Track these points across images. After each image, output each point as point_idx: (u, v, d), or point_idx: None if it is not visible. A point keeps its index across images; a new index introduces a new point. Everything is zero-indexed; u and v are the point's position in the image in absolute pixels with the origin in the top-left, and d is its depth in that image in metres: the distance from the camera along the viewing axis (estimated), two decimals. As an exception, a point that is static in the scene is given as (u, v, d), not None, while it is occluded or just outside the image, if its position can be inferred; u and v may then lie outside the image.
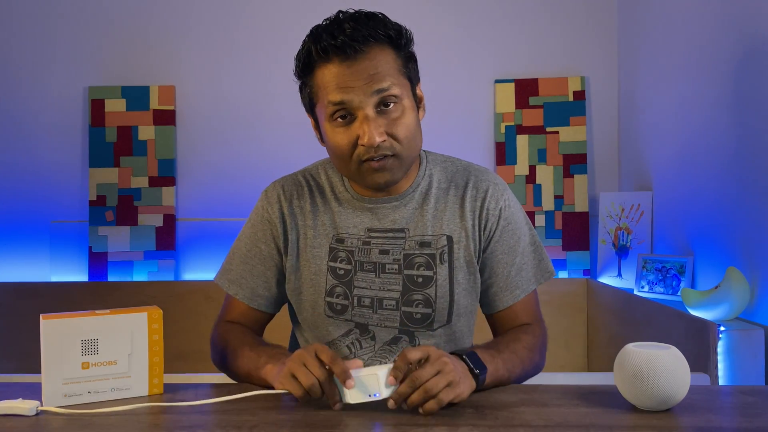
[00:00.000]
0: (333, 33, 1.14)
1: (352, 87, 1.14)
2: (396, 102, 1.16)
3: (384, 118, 1.16)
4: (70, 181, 3.06)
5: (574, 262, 2.97)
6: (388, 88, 1.15)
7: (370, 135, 1.14)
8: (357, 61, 1.14)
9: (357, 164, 1.18)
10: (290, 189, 1.32)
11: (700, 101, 2.21)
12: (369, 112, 1.15)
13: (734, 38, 2.00)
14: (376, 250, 1.26)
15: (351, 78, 1.14)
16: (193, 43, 3.07)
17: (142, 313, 1.11)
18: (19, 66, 3.06)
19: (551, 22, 3.04)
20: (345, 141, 1.17)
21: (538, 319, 1.34)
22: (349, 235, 1.27)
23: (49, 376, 1.05)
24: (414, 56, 1.23)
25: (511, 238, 1.30)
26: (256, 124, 3.06)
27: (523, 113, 3.02)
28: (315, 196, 1.31)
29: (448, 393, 1.01)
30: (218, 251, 3.01)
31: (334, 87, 1.15)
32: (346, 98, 1.14)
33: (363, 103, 1.14)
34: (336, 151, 1.20)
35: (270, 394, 1.09)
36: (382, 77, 1.14)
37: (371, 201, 1.27)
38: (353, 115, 1.16)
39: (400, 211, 1.27)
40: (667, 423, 0.97)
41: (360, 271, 1.25)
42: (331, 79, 1.15)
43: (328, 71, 1.16)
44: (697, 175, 2.24)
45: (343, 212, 1.28)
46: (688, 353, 1.26)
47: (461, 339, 1.32)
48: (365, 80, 1.14)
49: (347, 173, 1.23)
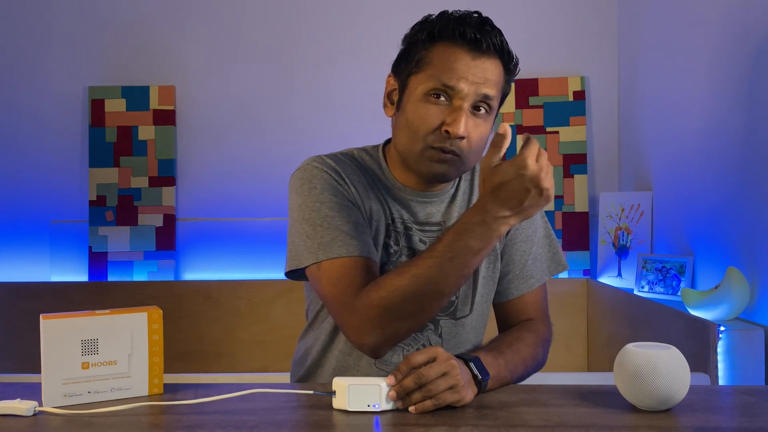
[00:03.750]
0: (475, 24, 1.17)
1: (467, 79, 1.16)
2: (487, 113, 1.20)
3: (472, 119, 1.18)
4: (70, 181, 3.06)
5: (574, 262, 2.97)
6: (491, 97, 1.18)
7: (459, 125, 1.15)
8: (481, 59, 1.17)
9: (424, 146, 1.19)
10: (340, 161, 1.27)
11: (701, 101, 2.21)
12: (466, 106, 1.17)
13: (734, 38, 2.00)
14: (417, 239, 1.27)
15: (472, 71, 1.16)
16: (193, 43, 3.07)
17: (142, 313, 1.11)
18: (19, 66, 3.06)
19: (551, 22, 3.04)
20: (431, 119, 1.18)
21: (543, 315, 1.35)
22: (397, 218, 1.27)
23: (49, 376, 1.05)
24: (511, 87, 1.27)
25: (529, 228, 1.33)
26: (256, 124, 3.06)
27: (523, 113, 3.02)
28: (365, 172, 1.29)
29: (450, 396, 1.01)
30: (218, 251, 3.01)
31: (451, 69, 1.16)
32: (458, 86, 1.16)
33: (467, 97, 1.17)
34: (415, 124, 1.19)
35: (270, 393, 1.09)
36: (492, 85, 1.18)
37: (411, 193, 1.28)
38: (449, 101, 1.18)
39: (435, 206, 1.29)
40: (667, 423, 0.97)
41: (404, 255, 1.26)
42: (453, 62, 1.17)
43: (453, 53, 1.17)
44: (697, 175, 2.24)
45: (387, 196, 1.28)
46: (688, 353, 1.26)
47: (477, 328, 1.33)
48: (480, 80, 1.17)
49: (410, 151, 1.21)
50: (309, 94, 3.05)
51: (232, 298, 2.84)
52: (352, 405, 1.01)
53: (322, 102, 3.04)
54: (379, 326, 1.11)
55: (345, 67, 3.05)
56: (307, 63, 3.05)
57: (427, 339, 1.28)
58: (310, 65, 3.05)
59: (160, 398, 1.10)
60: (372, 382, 1.02)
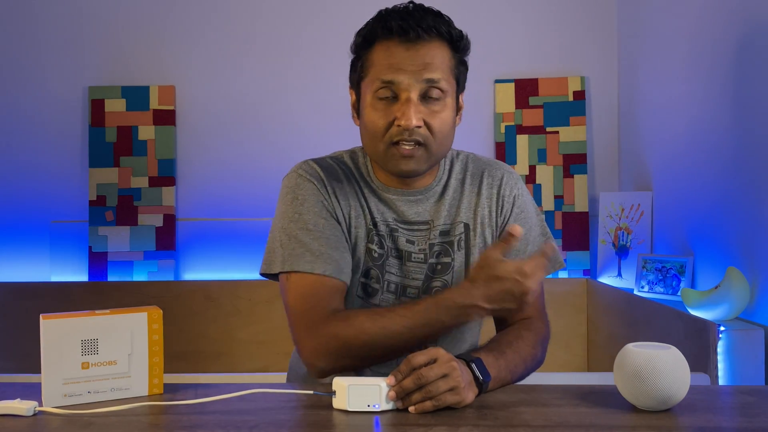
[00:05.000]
0: (401, 15, 1.17)
1: (404, 69, 1.17)
2: (441, 97, 1.19)
3: (425, 107, 1.19)
4: (70, 181, 3.06)
5: (574, 262, 2.97)
6: (437, 81, 1.18)
7: (408, 116, 1.16)
8: (416, 47, 1.17)
9: (387, 145, 1.20)
10: (326, 167, 1.29)
11: (700, 101, 2.21)
12: (413, 96, 1.17)
13: (734, 38, 2.00)
14: (403, 239, 1.27)
15: (406, 60, 1.17)
16: (193, 43, 3.07)
17: (142, 313, 1.11)
18: (19, 66, 3.06)
19: (551, 22, 3.04)
20: (383, 119, 1.19)
21: (541, 313, 1.35)
22: (380, 221, 1.27)
23: (49, 376, 1.05)
24: (466, 64, 1.27)
25: (524, 226, 1.31)
26: (256, 123, 3.06)
27: (523, 113, 3.02)
28: (349, 177, 1.30)
29: (451, 397, 1.01)
30: (218, 251, 3.01)
31: (387, 65, 1.18)
32: (396, 78, 1.17)
33: (410, 87, 1.17)
34: (371, 128, 1.21)
35: (270, 393, 1.09)
36: (435, 68, 1.18)
37: (396, 192, 1.28)
38: (397, 97, 1.18)
39: (422, 204, 1.29)
40: (667, 423, 0.97)
41: (390, 257, 1.27)
42: (387, 57, 1.18)
43: (386, 49, 1.19)
44: (697, 175, 2.24)
45: (372, 199, 1.29)
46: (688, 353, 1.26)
47: (472, 328, 1.34)
48: (419, 66, 1.17)
49: (375, 154, 1.23)
50: (309, 94, 3.05)
51: (232, 298, 2.84)
52: (352, 405, 1.01)
53: (321, 102, 3.04)
54: (335, 358, 1.15)
55: (345, 67, 3.04)
56: (307, 63, 3.05)
57: None
58: (310, 65, 3.05)
59: (160, 398, 1.10)
60: (372, 383, 1.02)
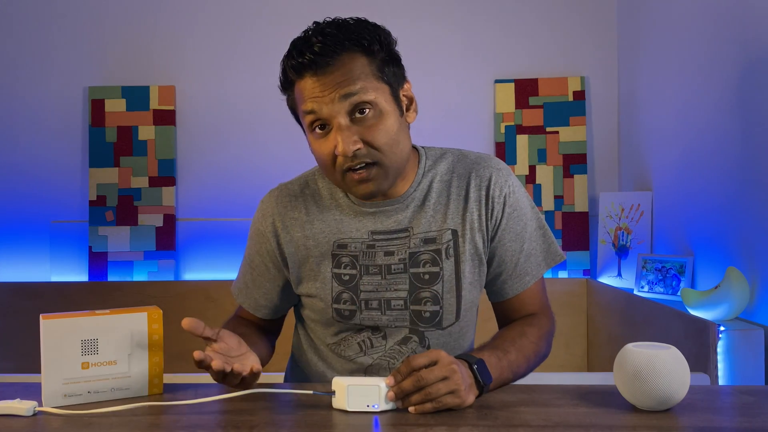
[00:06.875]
0: (302, 50, 1.15)
1: (321, 97, 1.14)
2: (371, 108, 1.15)
3: (359, 125, 1.15)
4: (70, 181, 3.06)
5: (574, 262, 2.97)
6: (356, 92, 1.13)
7: (340, 144, 1.14)
8: (327, 73, 1.14)
9: (341, 174, 1.18)
10: (284, 201, 1.31)
11: (700, 101, 2.21)
12: (341, 121, 1.14)
13: (734, 38, 2.00)
14: (381, 253, 1.24)
15: (320, 89, 1.14)
16: (193, 43, 3.07)
17: (142, 313, 1.11)
18: (19, 66, 3.06)
19: (551, 22, 3.04)
20: (324, 151, 1.17)
21: (545, 307, 1.34)
22: (352, 240, 1.25)
23: (49, 376, 1.05)
24: (395, 58, 1.22)
25: (518, 224, 1.28)
26: (256, 124, 3.06)
27: (523, 113, 3.02)
28: (310, 204, 1.29)
29: (451, 399, 1.01)
30: (218, 251, 3.01)
31: (306, 99, 1.16)
32: (316, 108, 1.15)
33: (333, 112, 1.14)
34: (320, 162, 1.21)
35: (270, 393, 1.09)
36: (351, 82, 1.14)
37: (372, 206, 1.26)
38: (329, 125, 1.16)
39: (402, 212, 1.26)
40: (667, 423, 0.97)
41: (366, 275, 1.24)
42: (303, 91, 1.16)
43: (301, 83, 1.17)
44: (697, 175, 2.24)
45: (344, 218, 1.27)
46: (688, 353, 1.26)
47: (466, 333, 1.32)
48: (333, 88, 1.13)
49: (335, 183, 1.23)
50: (309, 94, 3.05)
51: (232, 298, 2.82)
52: (351, 405, 1.02)
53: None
54: None
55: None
56: (307, 63, 3.05)
57: (412, 351, 1.26)
58: (310, 65, 3.05)
59: (160, 398, 1.10)
60: (371, 383, 1.02)
